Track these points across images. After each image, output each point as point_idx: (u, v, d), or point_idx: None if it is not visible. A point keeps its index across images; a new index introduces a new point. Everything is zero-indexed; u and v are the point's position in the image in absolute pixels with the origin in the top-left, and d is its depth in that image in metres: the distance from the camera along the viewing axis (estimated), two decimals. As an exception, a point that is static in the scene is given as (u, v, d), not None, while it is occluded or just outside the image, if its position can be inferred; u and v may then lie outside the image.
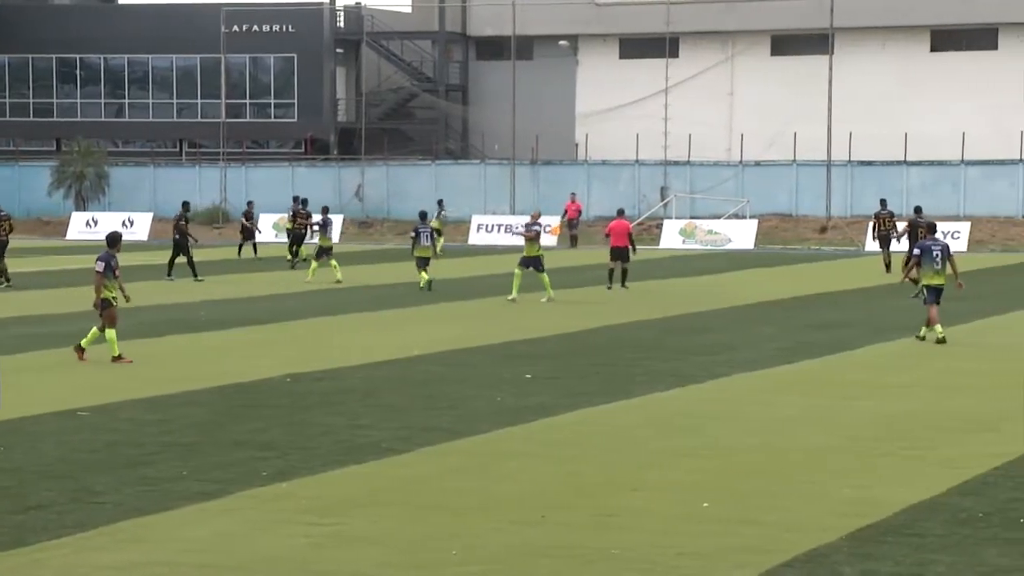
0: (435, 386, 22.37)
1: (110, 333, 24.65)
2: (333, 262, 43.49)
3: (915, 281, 30.26)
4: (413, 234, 41.66)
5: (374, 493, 14.82)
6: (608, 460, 16.63)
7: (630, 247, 40.06)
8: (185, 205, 46.93)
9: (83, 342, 24.96)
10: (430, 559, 12.21)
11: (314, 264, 44.10)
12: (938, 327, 27.17)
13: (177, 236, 44.40)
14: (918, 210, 42.06)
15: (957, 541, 12.79)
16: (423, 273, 40.00)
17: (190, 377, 23.20)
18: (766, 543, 12.69)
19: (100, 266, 24.69)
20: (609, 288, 40.00)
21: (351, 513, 13.90)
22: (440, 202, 64.35)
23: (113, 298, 24.74)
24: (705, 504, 14.26)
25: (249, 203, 58.27)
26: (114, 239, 25.32)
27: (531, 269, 36.91)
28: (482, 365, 24.95)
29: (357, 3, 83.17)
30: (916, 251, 28.51)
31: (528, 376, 23.43)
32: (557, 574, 11.86)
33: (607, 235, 41.47)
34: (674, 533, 13.13)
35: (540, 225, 39.26)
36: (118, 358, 24.60)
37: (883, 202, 49.08)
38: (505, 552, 12.49)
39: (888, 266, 45.22)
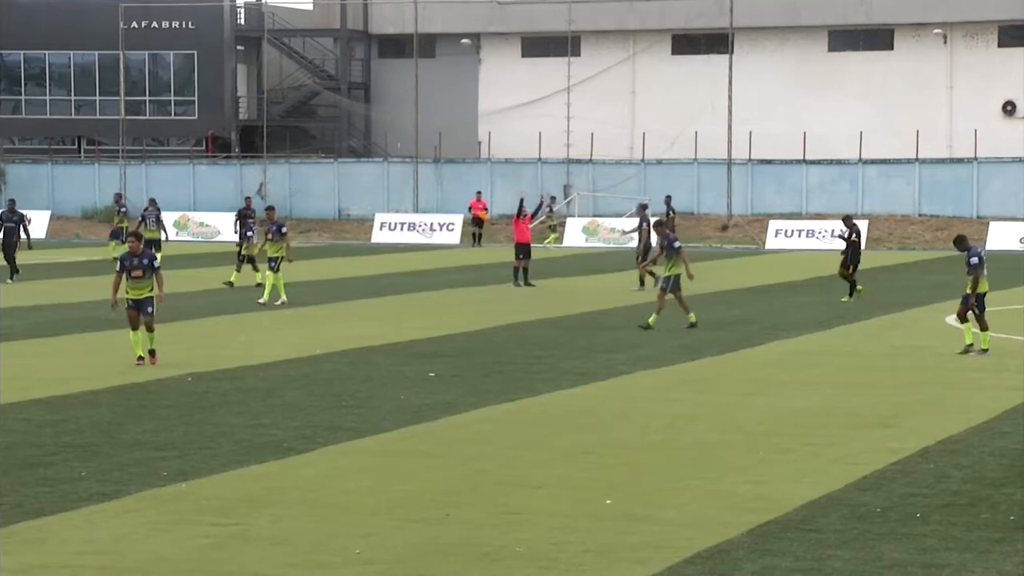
0: (338, 385, 22.28)
1: (132, 335, 24.29)
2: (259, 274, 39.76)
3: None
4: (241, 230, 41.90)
5: (276, 493, 14.73)
6: (511, 458, 16.64)
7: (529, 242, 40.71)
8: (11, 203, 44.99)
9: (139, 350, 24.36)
10: (333, 559, 12.15)
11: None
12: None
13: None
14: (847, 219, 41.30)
15: (855, 536, 12.91)
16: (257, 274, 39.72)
17: (89, 377, 22.97)
18: (668, 540, 12.75)
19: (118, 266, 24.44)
20: (516, 284, 40.24)
21: (252, 513, 13.81)
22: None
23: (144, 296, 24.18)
24: (608, 501, 14.30)
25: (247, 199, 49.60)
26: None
27: None
28: (385, 364, 24.88)
29: (258, 0, 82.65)
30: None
31: (431, 374, 23.40)
32: (461, 572, 11.85)
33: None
34: (577, 530, 13.16)
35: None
36: (141, 359, 24.21)
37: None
38: (408, 550, 12.46)
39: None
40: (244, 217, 44.02)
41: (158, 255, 34.71)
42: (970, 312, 25.63)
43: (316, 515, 13.73)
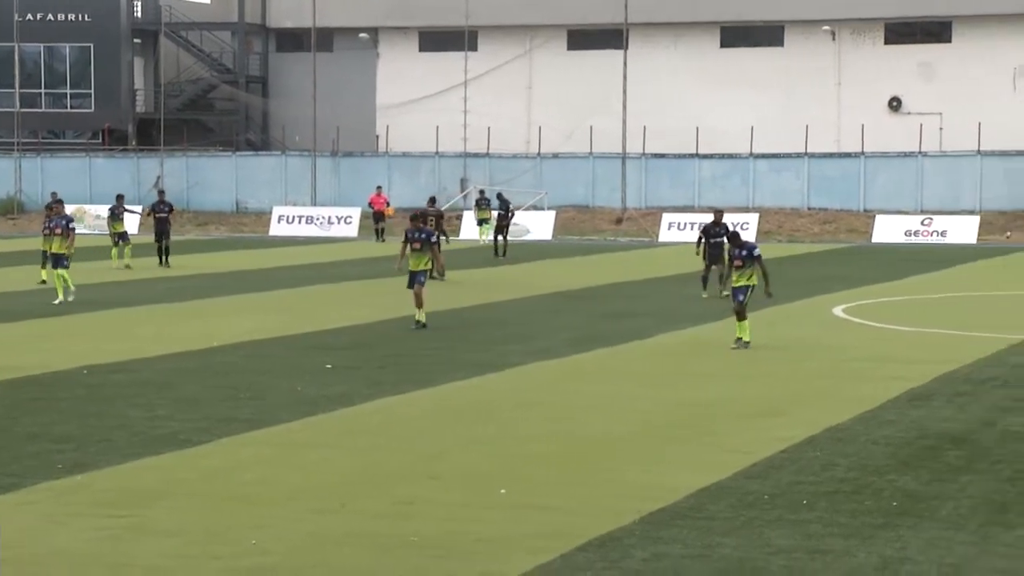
0: (235, 377, 22.18)
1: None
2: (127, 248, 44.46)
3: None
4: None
5: (172, 485, 14.65)
6: (407, 448, 16.65)
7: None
8: None
9: None
10: (229, 550, 12.11)
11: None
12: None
13: None
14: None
15: (743, 523, 13.05)
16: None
17: (-16, 370, 22.68)
18: (561, 528, 12.81)
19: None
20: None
21: (149, 505, 13.72)
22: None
23: None
24: (502, 491, 14.35)
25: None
26: None
27: None
28: (282, 356, 24.79)
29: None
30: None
31: (328, 366, 23.33)
32: (356, 562, 11.84)
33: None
34: (471, 520, 13.20)
35: None
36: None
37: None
38: (304, 541, 12.44)
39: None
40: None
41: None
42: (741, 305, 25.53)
43: (212, 506, 13.68)
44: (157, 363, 23.74)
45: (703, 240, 35.10)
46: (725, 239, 33.77)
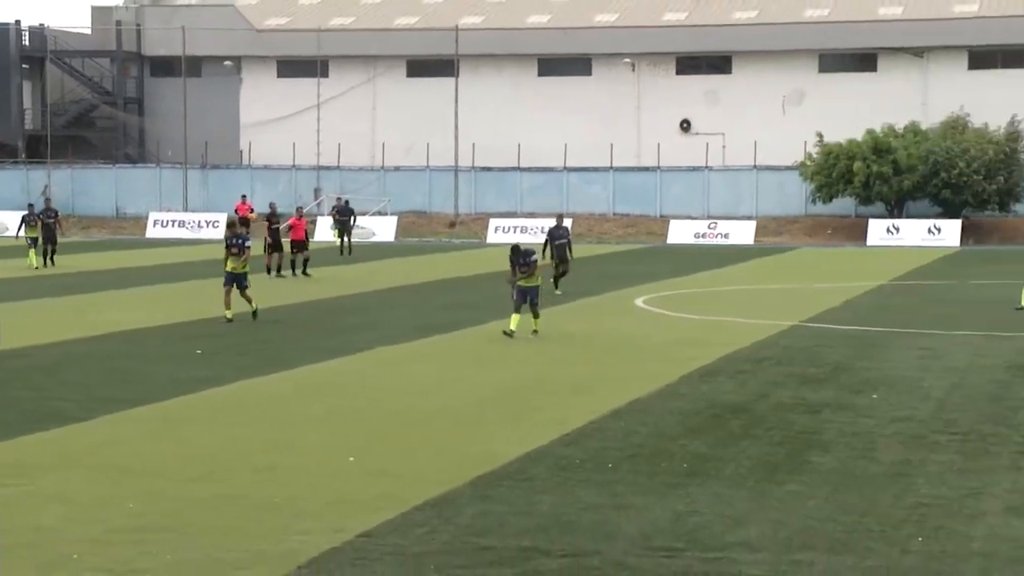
0: (116, 362, 21.77)
1: None
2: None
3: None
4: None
5: (60, 457, 14.34)
6: (267, 423, 16.49)
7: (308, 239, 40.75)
8: None
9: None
10: (109, 513, 11.88)
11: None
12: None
13: None
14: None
15: (559, 483, 13.14)
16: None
17: None
18: (402, 491, 12.78)
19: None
20: (294, 275, 39.91)
21: (38, 476, 13.41)
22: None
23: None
24: (351, 459, 14.28)
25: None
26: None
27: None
28: (158, 344, 24.39)
29: (41, 24, 79.92)
30: None
31: (198, 352, 23.04)
32: (224, 521, 11.70)
33: (290, 228, 41.11)
34: (325, 485, 13.12)
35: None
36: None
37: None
38: (176, 504, 12.26)
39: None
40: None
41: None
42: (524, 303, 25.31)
43: (96, 477, 13.41)
44: (45, 350, 23.21)
45: (548, 242, 34.51)
46: (568, 240, 34.08)
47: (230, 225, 29.55)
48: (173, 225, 68.07)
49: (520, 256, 25.28)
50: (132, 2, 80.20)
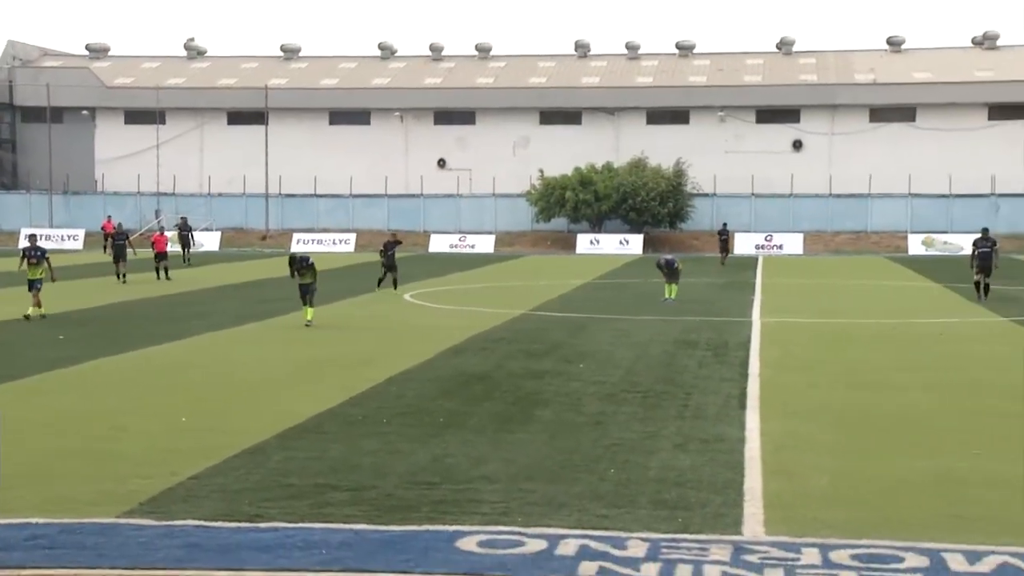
0: (-9, 348, 20.63)
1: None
2: None
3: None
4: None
5: (-56, 425, 13.51)
6: (117, 393, 15.88)
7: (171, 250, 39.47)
8: None
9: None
10: (-13, 469, 11.27)
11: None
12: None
13: None
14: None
15: (346, 435, 13.04)
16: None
17: None
18: (222, 443, 12.51)
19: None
20: (158, 279, 38.40)
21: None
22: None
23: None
24: (183, 419, 13.90)
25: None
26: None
27: None
28: (27, 331, 23.21)
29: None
30: None
31: (61, 337, 22.03)
32: (79, 471, 11.23)
33: (153, 243, 39.94)
34: (163, 440, 12.72)
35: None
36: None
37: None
38: (40, 457, 11.71)
39: None
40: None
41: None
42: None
43: (-26, 439, 12.70)
44: (-68, 339, 21.84)
45: (383, 251, 34.36)
46: (395, 249, 34.09)
47: (31, 237, 28.13)
48: (41, 239, 64.92)
49: (298, 262, 25.23)
50: (4, 63, 76.12)
